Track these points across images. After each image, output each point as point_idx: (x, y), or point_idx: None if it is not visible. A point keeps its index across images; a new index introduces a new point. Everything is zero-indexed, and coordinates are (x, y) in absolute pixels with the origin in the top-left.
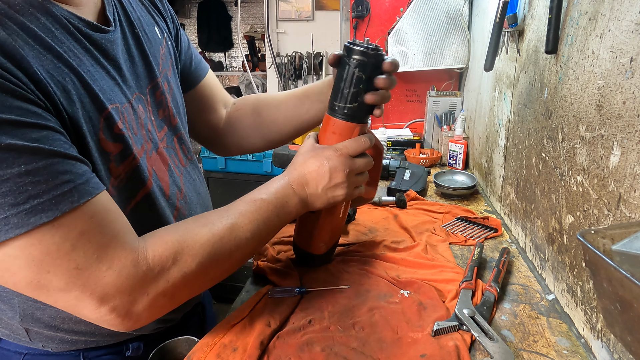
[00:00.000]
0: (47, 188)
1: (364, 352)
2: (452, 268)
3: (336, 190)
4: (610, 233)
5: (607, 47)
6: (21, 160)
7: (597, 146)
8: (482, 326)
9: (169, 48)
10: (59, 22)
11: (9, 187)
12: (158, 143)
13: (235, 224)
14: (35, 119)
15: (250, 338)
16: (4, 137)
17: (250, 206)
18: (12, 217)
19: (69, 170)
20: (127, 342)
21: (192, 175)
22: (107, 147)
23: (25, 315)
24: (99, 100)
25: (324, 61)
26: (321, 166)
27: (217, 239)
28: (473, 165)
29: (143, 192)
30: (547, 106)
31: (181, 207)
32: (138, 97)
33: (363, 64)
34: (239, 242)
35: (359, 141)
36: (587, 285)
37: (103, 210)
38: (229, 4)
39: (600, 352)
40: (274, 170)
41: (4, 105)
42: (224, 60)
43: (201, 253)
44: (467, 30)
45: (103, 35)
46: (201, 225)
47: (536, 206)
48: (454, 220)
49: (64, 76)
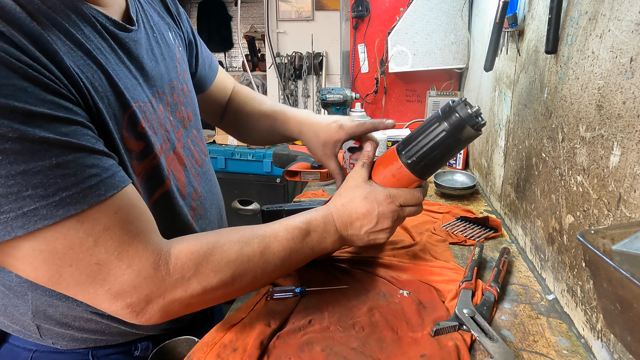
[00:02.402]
0: (76, 181)
1: (364, 352)
2: (452, 268)
3: (379, 235)
4: (610, 233)
5: (607, 47)
6: (52, 153)
7: (597, 146)
8: (482, 326)
9: (182, 53)
10: (87, 20)
11: (39, 179)
12: (175, 143)
13: (268, 249)
14: (65, 113)
15: (250, 338)
16: (38, 130)
17: (288, 233)
18: (41, 209)
19: (96, 164)
20: (136, 341)
21: (207, 175)
22: (130, 145)
23: (37, 311)
24: (123, 98)
25: (324, 61)
26: (371, 210)
27: (245, 259)
28: (473, 165)
29: (161, 190)
30: (547, 106)
31: (196, 207)
32: (159, 97)
33: (466, 140)
34: (267, 267)
35: (414, 195)
36: (587, 285)
37: (129, 204)
38: (229, 4)
39: (600, 352)
40: (274, 170)
41: (38, 98)
42: (224, 60)
43: (225, 270)
44: (467, 30)
45: (127, 34)
46: (233, 242)
47: (536, 206)
48: (454, 220)
49: (92, 73)
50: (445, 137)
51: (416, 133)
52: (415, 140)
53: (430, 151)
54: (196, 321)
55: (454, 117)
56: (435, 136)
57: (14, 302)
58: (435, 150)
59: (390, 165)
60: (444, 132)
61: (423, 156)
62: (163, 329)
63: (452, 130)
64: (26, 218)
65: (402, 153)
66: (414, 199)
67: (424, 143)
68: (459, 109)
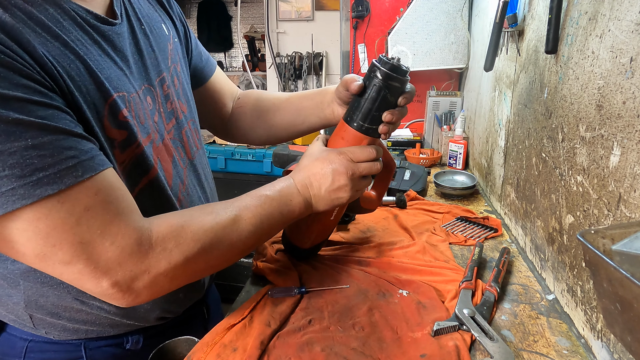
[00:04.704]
0: (53, 162)
1: (364, 352)
2: (452, 268)
3: (339, 193)
4: (610, 233)
5: (607, 47)
6: (28, 134)
7: (597, 146)
8: (482, 326)
9: (176, 45)
10: (67, 13)
11: (15, 159)
12: (164, 134)
13: (239, 216)
14: (41, 97)
15: (250, 338)
16: (12, 112)
17: (255, 201)
18: (18, 189)
19: (74, 146)
20: (127, 334)
21: (197, 169)
22: (112, 133)
23: (29, 301)
24: (104, 88)
25: (324, 61)
26: (325, 168)
27: (220, 227)
28: (473, 165)
29: (147, 179)
30: (547, 106)
31: (183, 199)
32: (147, 89)
33: (394, 88)
34: (241, 234)
35: (365, 149)
36: (587, 285)
37: (108, 187)
38: (229, 4)
39: (600, 352)
40: (274, 170)
41: (12, 82)
42: (224, 60)
43: (203, 239)
44: (467, 30)
45: (110, 27)
46: (206, 213)
47: (536, 206)
48: (454, 220)
49: (69, 63)
50: (377, 89)
51: (354, 102)
52: (354, 108)
53: (369, 110)
54: (190, 315)
55: (378, 71)
56: (369, 96)
57: (8, 291)
58: (374, 106)
59: (339, 132)
60: (375, 85)
61: (364, 117)
62: (155, 318)
63: (381, 81)
64: (4, 198)
65: (347, 119)
66: (365, 153)
67: (362, 102)
68: (380, 63)
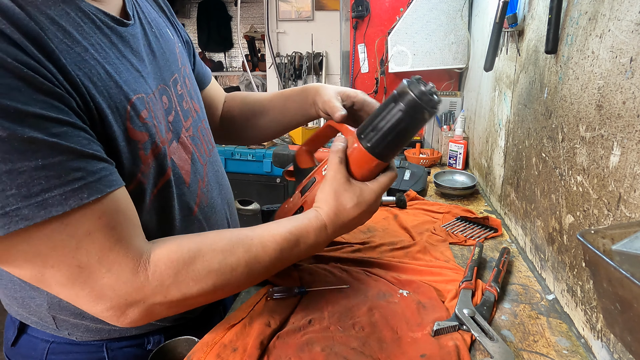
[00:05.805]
0: (59, 183)
1: (363, 352)
2: (452, 268)
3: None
4: (610, 233)
5: (607, 47)
6: (39, 154)
7: (597, 146)
8: (482, 326)
9: (182, 50)
10: (87, 16)
11: (24, 179)
12: (180, 133)
13: (254, 259)
14: (57, 113)
15: (250, 338)
16: (27, 129)
17: (277, 245)
18: (23, 209)
19: (82, 167)
20: (149, 334)
21: (214, 166)
22: (135, 135)
23: (52, 302)
24: (123, 91)
25: (324, 61)
26: (362, 212)
27: (228, 269)
28: (473, 165)
29: (163, 180)
30: (547, 106)
31: (202, 195)
32: (162, 89)
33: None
34: (251, 275)
35: (392, 180)
36: (587, 285)
37: (113, 210)
38: (229, 4)
39: (600, 352)
40: (274, 170)
41: (31, 97)
42: (224, 60)
43: (206, 280)
44: (467, 30)
45: (125, 29)
46: (217, 250)
47: (536, 206)
48: (454, 220)
49: (90, 68)
50: (401, 117)
51: (374, 115)
52: (372, 123)
53: (388, 133)
54: (208, 313)
55: (408, 97)
56: (392, 117)
57: (30, 294)
58: (394, 131)
59: (364, 163)
60: (400, 113)
61: (382, 138)
62: (175, 319)
63: (408, 110)
64: (7, 218)
65: (361, 137)
66: (388, 184)
67: (381, 125)
68: (413, 87)
